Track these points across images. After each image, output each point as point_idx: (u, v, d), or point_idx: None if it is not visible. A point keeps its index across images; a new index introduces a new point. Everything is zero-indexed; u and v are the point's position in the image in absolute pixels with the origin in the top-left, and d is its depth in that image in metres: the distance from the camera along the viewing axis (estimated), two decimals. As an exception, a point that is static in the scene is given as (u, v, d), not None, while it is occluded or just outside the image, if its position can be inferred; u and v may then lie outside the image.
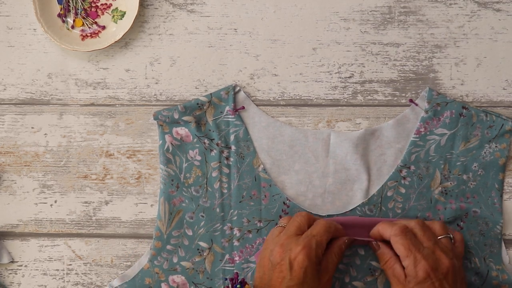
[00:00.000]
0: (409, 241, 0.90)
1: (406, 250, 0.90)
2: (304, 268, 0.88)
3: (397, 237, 0.91)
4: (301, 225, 0.93)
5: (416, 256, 0.89)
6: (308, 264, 0.89)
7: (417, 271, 0.89)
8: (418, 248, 0.90)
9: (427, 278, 0.88)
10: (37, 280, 1.03)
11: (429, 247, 0.90)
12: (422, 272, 0.88)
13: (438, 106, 0.99)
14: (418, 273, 0.88)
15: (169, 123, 1.00)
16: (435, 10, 1.02)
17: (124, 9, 1.03)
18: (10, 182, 1.03)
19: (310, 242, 0.90)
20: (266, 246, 0.93)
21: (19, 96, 1.03)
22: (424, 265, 0.88)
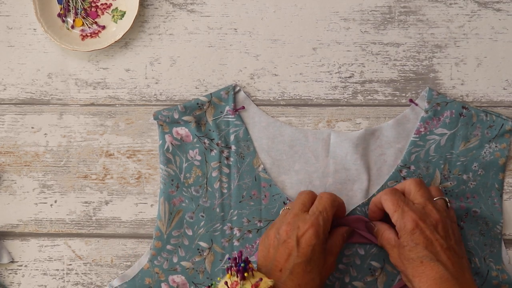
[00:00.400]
0: (397, 198, 0.89)
1: (393, 205, 0.89)
2: (312, 246, 0.88)
3: (385, 195, 0.90)
4: (306, 202, 0.92)
5: (404, 208, 0.88)
6: (316, 241, 0.88)
7: (405, 222, 0.87)
8: (407, 203, 0.89)
9: (415, 228, 0.87)
10: (37, 280, 1.03)
11: (420, 203, 0.89)
12: (410, 223, 0.87)
13: (438, 106, 0.99)
14: (406, 224, 0.87)
15: (169, 123, 1.00)
16: (435, 10, 1.02)
17: (124, 9, 1.03)
18: (10, 182, 1.03)
19: (318, 219, 0.89)
20: (272, 226, 0.93)
21: (19, 96, 1.03)
22: (411, 215, 0.87)
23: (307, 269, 0.87)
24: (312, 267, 0.88)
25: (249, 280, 0.85)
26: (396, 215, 0.89)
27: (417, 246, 0.87)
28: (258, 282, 0.84)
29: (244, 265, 0.85)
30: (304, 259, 0.87)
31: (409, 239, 0.87)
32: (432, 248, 0.86)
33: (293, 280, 0.87)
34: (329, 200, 0.92)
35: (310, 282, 0.87)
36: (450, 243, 0.88)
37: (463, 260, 0.88)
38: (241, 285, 0.84)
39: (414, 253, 0.87)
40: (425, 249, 0.86)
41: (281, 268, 0.88)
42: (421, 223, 0.87)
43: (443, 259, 0.86)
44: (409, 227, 0.87)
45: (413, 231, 0.87)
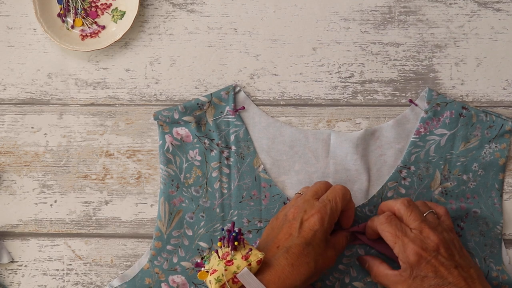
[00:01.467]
0: (394, 227, 0.89)
1: (393, 237, 0.89)
2: (313, 231, 0.88)
3: (383, 225, 0.90)
4: (319, 190, 0.93)
5: (404, 240, 0.88)
6: (319, 227, 0.88)
7: (408, 255, 0.87)
8: (405, 233, 0.88)
9: (420, 260, 0.87)
10: (37, 280, 1.03)
11: (416, 227, 0.89)
12: (413, 255, 0.87)
13: (438, 107, 0.99)
14: (409, 257, 0.87)
15: (169, 123, 1.00)
16: (435, 10, 1.02)
17: (124, 9, 1.02)
18: (10, 182, 1.03)
19: (326, 207, 0.89)
20: (282, 209, 0.93)
21: (19, 96, 1.03)
22: (412, 248, 0.87)
23: (304, 251, 0.87)
24: (309, 251, 0.87)
25: (240, 251, 0.85)
26: (397, 248, 0.88)
27: (427, 276, 0.87)
28: (248, 254, 0.85)
29: (236, 235, 0.85)
30: (303, 240, 0.87)
31: (417, 271, 0.87)
32: (441, 273, 0.87)
33: (287, 258, 0.87)
34: (341, 192, 0.91)
35: (303, 265, 0.87)
36: (455, 260, 0.88)
37: (471, 271, 0.88)
38: (232, 255, 0.85)
39: (426, 283, 0.87)
40: (435, 277, 0.87)
41: (279, 245, 0.88)
42: (423, 253, 0.87)
43: (454, 280, 0.87)
44: (413, 260, 0.87)
45: (418, 263, 0.87)
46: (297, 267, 0.86)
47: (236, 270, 0.84)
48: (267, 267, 0.86)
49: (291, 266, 0.86)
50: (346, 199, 0.92)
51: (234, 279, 0.84)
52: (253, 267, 0.84)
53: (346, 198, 0.92)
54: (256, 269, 0.85)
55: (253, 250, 0.85)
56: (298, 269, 0.86)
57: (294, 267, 0.86)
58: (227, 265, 0.84)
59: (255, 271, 0.85)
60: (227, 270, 0.84)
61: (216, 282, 0.83)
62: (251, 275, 0.84)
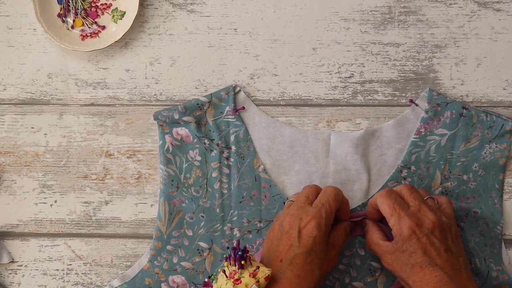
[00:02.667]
0: (393, 201, 0.89)
1: (390, 209, 0.89)
2: (313, 237, 0.88)
3: (382, 198, 0.90)
4: (309, 195, 0.93)
5: (400, 213, 0.88)
6: (317, 233, 0.88)
7: (401, 228, 0.87)
8: (403, 207, 0.89)
9: (412, 235, 0.87)
10: (37, 280, 1.03)
11: (415, 205, 0.89)
12: (407, 229, 0.87)
13: (438, 107, 0.99)
14: (403, 230, 0.87)
15: (169, 123, 1.00)
16: (435, 10, 1.02)
17: (124, 9, 1.02)
18: (10, 182, 1.03)
19: (320, 212, 0.89)
20: (277, 219, 0.93)
21: (19, 96, 1.03)
22: (407, 222, 0.87)
23: (307, 260, 0.87)
24: (313, 259, 0.87)
25: (247, 269, 0.85)
26: (392, 220, 0.89)
27: (415, 252, 0.87)
28: (256, 271, 0.84)
29: (242, 253, 0.85)
30: (304, 249, 0.87)
31: (407, 245, 0.88)
32: (430, 253, 0.87)
33: (292, 270, 0.86)
34: (332, 194, 0.91)
35: (309, 273, 0.87)
36: (447, 244, 0.88)
37: (460, 260, 0.88)
38: (239, 274, 0.84)
39: (413, 259, 0.87)
40: (423, 254, 0.87)
41: (282, 259, 0.88)
42: (417, 229, 0.87)
43: (441, 262, 0.87)
44: (406, 233, 0.87)
45: (410, 238, 0.87)
46: (304, 277, 0.87)
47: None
48: (274, 282, 0.86)
49: (297, 277, 0.86)
50: (339, 200, 0.92)
51: None
52: (261, 283, 0.84)
53: (339, 199, 0.92)
54: (264, 286, 0.84)
55: (260, 267, 0.85)
56: (305, 279, 0.87)
57: (301, 278, 0.86)
58: (236, 284, 0.83)
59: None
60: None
61: None
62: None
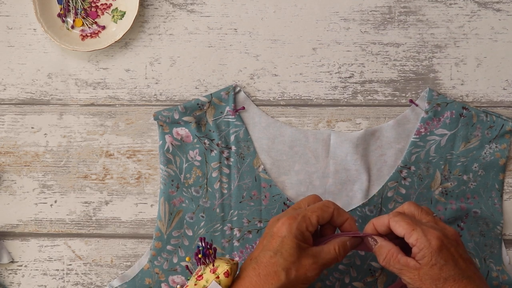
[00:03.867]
0: (409, 218, 0.83)
1: (409, 225, 0.82)
2: (281, 237, 0.83)
3: (396, 217, 0.84)
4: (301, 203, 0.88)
5: (422, 227, 0.82)
6: (286, 234, 0.83)
7: (430, 239, 0.81)
8: (421, 222, 0.83)
9: (442, 246, 0.81)
10: (37, 280, 1.03)
11: (431, 220, 0.84)
12: (436, 240, 0.81)
13: (438, 107, 0.99)
14: (432, 242, 0.81)
15: (169, 124, 1.00)
16: (435, 10, 1.02)
17: (124, 9, 1.02)
18: (10, 182, 1.03)
19: (297, 214, 0.85)
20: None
21: (19, 96, 1.03)
22: (434, 232, 0.81)
23: (271, 260, 0.83)
24: (277, 260, 0.83)
25: (209, 266, 0.85)
26: (415, 234, 0.82)
27: (447, 264, 0.81)
28: (216, 267, 0.84)
29: (202, 249, 0.84)
30: (271, 249, 0.83)
31: (438, 258, 0.81)
32: (460, 264, 0.82)
33: (255, 268, 0.83)
34: (320, 204, 0.87)
35: (272, 274, 0.82)
36: (468, 255, 0.84)
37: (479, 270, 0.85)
38: (203, 270, 0.85)
39: (445, 272, 0.81)
40: (455, 266, 0.81)
41: (252, 257, 0.86)
42: (445, 240, 0.82)
43: (472, 274, 0.82)
44: (435, 245, 0.81)
45: (440, 249, 0.81)
46: (264, 276, 0.83)
47: (205, 284, 0.83)
48: (238, 279, 0.84)
49: (257, 276, 0.83)
50: (326, 211, 0.86)
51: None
52: (221, 280, 0.83)
53: (326, 210, 0.86)
54: (226, 282, 0.83)
55: (221, 263, 0.84)
56: (265, 278, 0.83)
57: (261, 277, 0.83)
58: (198, 280, 0.84)
59: (226, 284, 0.83)
60: (197, 285, 0.83)
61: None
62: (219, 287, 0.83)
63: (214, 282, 0.83)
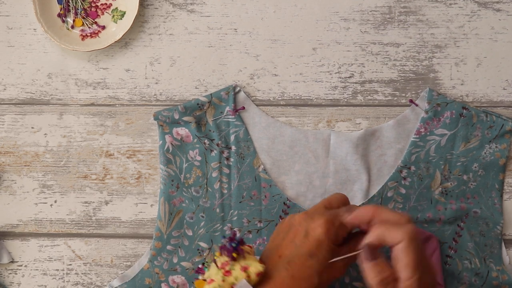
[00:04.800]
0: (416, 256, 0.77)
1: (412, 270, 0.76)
2: (318, 241, 0.81)
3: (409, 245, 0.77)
4: (333, 201, 0.86)
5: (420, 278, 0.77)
6: (324, 239, 0.81)
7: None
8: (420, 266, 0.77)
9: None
10: (37, 280, 1.03)
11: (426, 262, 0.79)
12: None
13: (438, 107, 0.99)
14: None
15: (169, 123, 1.00)
16: (435, 10, 1.02)
17: (124, 9, 1.02)
18: (10, 182, 1.03)
19: (334, 220, 0.82)
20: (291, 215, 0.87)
21: (19, 96, 1.03)
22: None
23: (306, 263, 0.81)
24: (313, 264, 0.81)
25: (240, 262, 0.81)
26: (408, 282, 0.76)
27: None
28: (248, 265, 0.81)
29: (236, 245, 0.81)
30: (306, 251, 0.81)
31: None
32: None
33: (288, 270, 0.81)
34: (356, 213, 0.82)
35: (305, 278, 0.81)
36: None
37: None
38: (231, 266, 0.81)
39: None
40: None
41: (281, 255, 0.83)
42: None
43: None
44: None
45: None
46: (298, 280, 0.81)
47: (234, 282, 0.80)
48: (268, 278, 0.81)
49: (291, 278, 0.80)
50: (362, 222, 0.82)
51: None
52: (252, 279, 0.80)
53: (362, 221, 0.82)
54: (255, 281, 0.81)
55: (253, 262, 0.81)
56: (299, 282, 0.81)
57: (295, 280, 0.81)
58: (225, 275, 0.81)
59: (254, 283, 0.81)
60: (225, 281, 0.80)
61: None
62: (249, 287, 0.80)
63: (244, 281, 0.80)
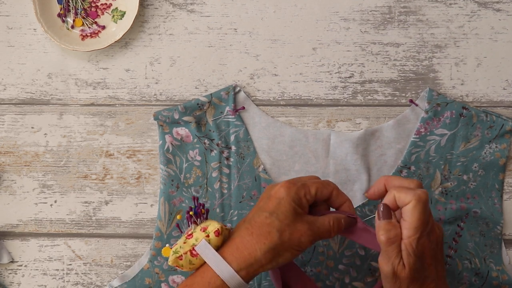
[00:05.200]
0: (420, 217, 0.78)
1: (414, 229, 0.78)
2: (278, 199, 0.82)
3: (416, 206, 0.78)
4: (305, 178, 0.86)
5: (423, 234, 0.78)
6: (283, 196, 0.82)
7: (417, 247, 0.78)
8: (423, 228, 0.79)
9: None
10: (37, 280, 1.03)
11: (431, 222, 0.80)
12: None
13: (438, 107, 0.99)
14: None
15: (169, 123, 1.00)
16: (435, 10, 1.02)
17: (124, 9, 1.02)
18: (10, 182, 1.03)
19: (296, 181, 0.84)
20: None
21: (19, 96, 1.03)
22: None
23: (266, 220, 0.81)
24: (272, 221, 0.81)
25: (200, 225, 0.84)
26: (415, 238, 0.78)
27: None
28: (207, 226, 0.83)
29: (194, 208, 0.84)
30: (266, 209, 0.82)
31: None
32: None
33: (248, 228, 0.82)
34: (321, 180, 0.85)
35: (265, 234, 0.81)
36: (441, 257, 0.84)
37: None
38: (193, 229, 0.83)
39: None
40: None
41: (246, 219, 0.84)
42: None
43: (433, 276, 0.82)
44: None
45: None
46: (257, 236, 0.81)
47: (194, 243, 0.81)
48: (229, 238, 0.83)
49: (250, 235, 0.81)
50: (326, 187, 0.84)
51: (193, 252, 0.81)
52: (211, 239, 0.81)
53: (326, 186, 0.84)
54: (216, 241, 0.81)
55: (212, 222, 0.83)
56: (258, 238, 0.81)
57: (253, 236, 0.81)
58: (188, 238, 0.82)
59: (216, 243, 0.81)
60: (186, 243, 0.82)
61: (173, 253, 0.82)
62: (208, 246, 0.81)
63: (203, 241, 0.81)
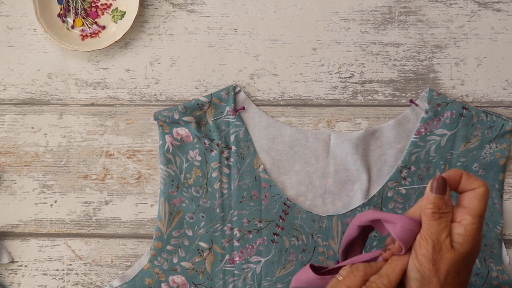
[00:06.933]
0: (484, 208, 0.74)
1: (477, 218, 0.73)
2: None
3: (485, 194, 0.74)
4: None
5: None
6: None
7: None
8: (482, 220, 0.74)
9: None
10: (37, 280, 1.03)
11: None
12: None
13: (438, 107, 0.99)
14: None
15: (169, 124, 1.00)
16: (435, 10, 1.02)
17: (124, 9, 1.02)
18: (10, 182, 1.03)
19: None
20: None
21: (19, 96, 1.03)
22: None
23: None
24: None
25: None
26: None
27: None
28: None
29: None
30: None
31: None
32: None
33: None
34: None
35: None
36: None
37: None
38: None
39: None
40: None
41: None
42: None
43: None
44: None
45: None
46: None
47: None
48: None
49: None
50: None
51: None
52: None
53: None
54: None
55: None
56: None
57: None
58: None
59: None
60: None
61: None
62: None
63: None
